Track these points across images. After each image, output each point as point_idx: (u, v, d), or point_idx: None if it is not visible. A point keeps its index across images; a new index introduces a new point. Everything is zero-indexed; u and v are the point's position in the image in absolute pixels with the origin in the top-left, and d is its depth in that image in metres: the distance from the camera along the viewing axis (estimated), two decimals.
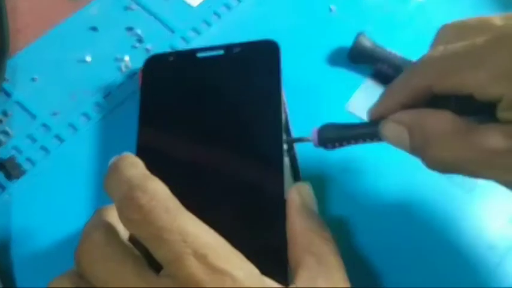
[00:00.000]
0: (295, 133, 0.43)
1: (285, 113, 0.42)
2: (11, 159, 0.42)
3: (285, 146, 0.41)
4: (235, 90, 0.37)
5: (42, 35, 0.47)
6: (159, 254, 0.26)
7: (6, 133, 0.43)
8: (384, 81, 0.47)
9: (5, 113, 0.43)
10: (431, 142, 0.31)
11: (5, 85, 0.44)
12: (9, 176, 0.41)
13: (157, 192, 0.26)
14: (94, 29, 0.48)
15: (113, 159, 0.29)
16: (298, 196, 0.32)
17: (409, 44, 0.49)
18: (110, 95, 0.45)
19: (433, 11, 0.52)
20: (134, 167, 0.28)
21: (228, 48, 0.38)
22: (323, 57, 0.48)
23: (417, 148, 0.33)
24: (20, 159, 0.42)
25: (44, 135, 0.43)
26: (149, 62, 0.38)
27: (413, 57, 0.47)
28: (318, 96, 0.46)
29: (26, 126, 0.43)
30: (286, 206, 0.32)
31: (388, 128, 0.34)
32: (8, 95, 0.44)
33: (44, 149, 0.42)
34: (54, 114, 0.44)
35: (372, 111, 0.37)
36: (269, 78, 0.37)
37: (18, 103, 0.44)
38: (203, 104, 0.36)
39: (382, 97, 0.36)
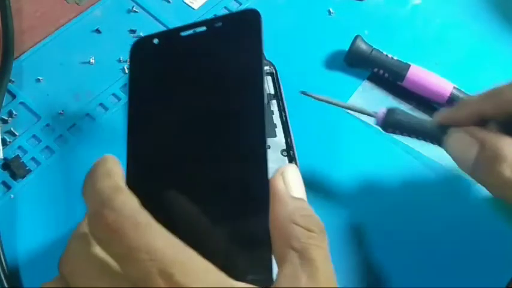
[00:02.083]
0: (294, 134, 0.43)
1: (280, 87, 0.41)
2: (16, 159, 0.42)
3: (284, 146, 0.41)
4: (218, 68, 0.34)
5: (47, 37, 0.48)
6: (127, 272, 0.26)
7: (11, 133, 0.43)
8: (381, 84, 0.48)
9: (10, 114, 0.44)
10: (504, 160, 0.33)
11: (11, 86, 0.45)
12: (14, 176, 0.42)
13: (125, 208, 0.26)
14: (98, 31, 0.48)
15: (94, 163, 0.29)
16: (281, 181, 0.29)
17: (407, 46, 0.50)
18: (113, 96, 0.45)
19: (430, 13, 0.52)
20: (107, 176, 0.27)
21: (209, 23, 0.36)
22: (322, 59, 0.49)
23: (483, 163, 0.34)
24: (25, 159, 0.42)
25: (49, 136, 0.43)
26: (135, 47, 0.36)
27: (410, 60, 0.47)
28: None
29: (31, 127, 0.44)
30: (270, 194, 0.29)
31: (458, 137, 0.36)
32: (13, 96, 0.45)
33: (49, 149, 0.43)
34: (59, 114, 0.44)
35: (443, 114, 0.38)
36: (250, 51, 0.34)
37: (23, 104, 0.44)
38: (190, 84, 0.34)
39: (460, 104, 0.38)
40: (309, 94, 0.42)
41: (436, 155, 0.44)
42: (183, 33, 0.35)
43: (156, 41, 0.35)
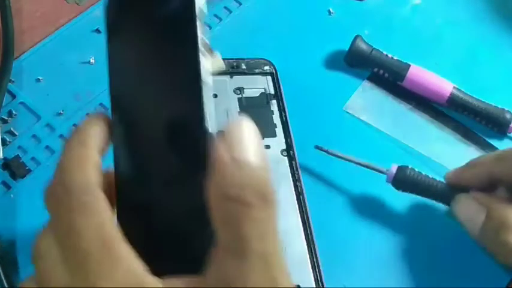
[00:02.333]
0: (294, 132, 0.43)
1: (280, 87, 0.42)
2: (16, 158, 0.42)
3: (284, 146, 0.41)
4: (164, 19, 0.33)
5: (47, 37, 0.48)
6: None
7: (11, 133, 0.43)
8: (381, 84, 0.48)
9: (10, 114, 0.44)
10: (510, 230, 0.34)
11: (10, 86, 0.45)
12: (14, 176, 0.41)
13: (75, 185, 0.24)
14: (98, 31, 0.48)
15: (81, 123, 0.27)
16: (222, 144, 0.23)
17: (407, 46, 0.50)
18: None
19: (430, 13, 0.52)
20: (81, 146, 0.26)
21: None
22: (322, 59, 0.49)
23: (489, 231, 0.35)
24: (25, 158, 0.42)
25: (49, 136, 0.43)
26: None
27: (410, 60, 0.47)
28: (316, 97, 0.47)
29: (31, 127, 0.44)
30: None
31: (466, 203, 0.37)
32: (13, 96, 0.45)
33: (49, 148, 0.43)
34: (59, 114, 0.44)
35: (453, 174, 0.39)
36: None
37: (23, 104, 0.44)
38: (150, 37, 0.32)
39: (470, 164, 0.39)
40: (323, 149, 0.42)
41: (437, 156, 0.45)
42: None
43: None
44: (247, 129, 0.23)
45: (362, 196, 0.43)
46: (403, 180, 0.40)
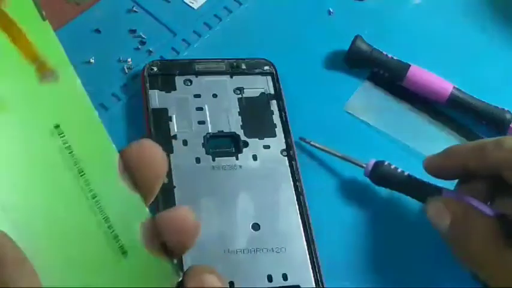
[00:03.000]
0: (294, 132, 0.43)
1: (280, 87, 0.42)
2: None
3: (284, 146, 0.41)
4: None
5: None
6: None
7: None
8: (381, 84, 0.48)
9: None
10: (470, 239, 0.34)
11: None
12: None
13: None
14: (97, 31, 0.48)
15: None
16: None
17: (407, 46, 0.50)
18: (113, 96, 0.45)
19: (430, 13, 0.52)
20: None
21: None
22: (322, 59, 0.49)
23: (452, 236, 0.35)
24: None
25: None
26: None
27: (410, 60, 0.47)
28: (316, 98, 0.47)
29: None
30: None
31: (435, 206, 0.36)
32: None
33: None
34: None
35: (432, 162, 0.39)
36: None
37: None
38: None
39: (447, 152, 0.39)
40: (306, 141, 0.43)
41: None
42: None
43: None
44: None
45: (363, 196, 0.43)
46: (379, 175, 0.41)
